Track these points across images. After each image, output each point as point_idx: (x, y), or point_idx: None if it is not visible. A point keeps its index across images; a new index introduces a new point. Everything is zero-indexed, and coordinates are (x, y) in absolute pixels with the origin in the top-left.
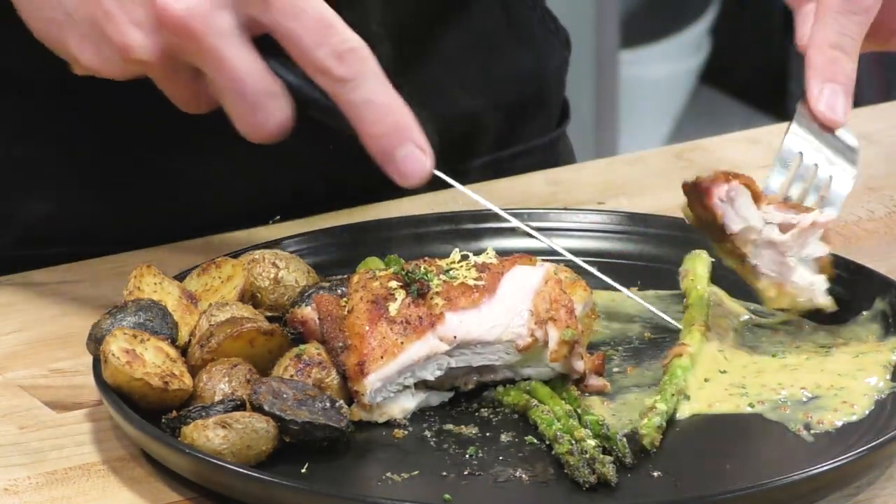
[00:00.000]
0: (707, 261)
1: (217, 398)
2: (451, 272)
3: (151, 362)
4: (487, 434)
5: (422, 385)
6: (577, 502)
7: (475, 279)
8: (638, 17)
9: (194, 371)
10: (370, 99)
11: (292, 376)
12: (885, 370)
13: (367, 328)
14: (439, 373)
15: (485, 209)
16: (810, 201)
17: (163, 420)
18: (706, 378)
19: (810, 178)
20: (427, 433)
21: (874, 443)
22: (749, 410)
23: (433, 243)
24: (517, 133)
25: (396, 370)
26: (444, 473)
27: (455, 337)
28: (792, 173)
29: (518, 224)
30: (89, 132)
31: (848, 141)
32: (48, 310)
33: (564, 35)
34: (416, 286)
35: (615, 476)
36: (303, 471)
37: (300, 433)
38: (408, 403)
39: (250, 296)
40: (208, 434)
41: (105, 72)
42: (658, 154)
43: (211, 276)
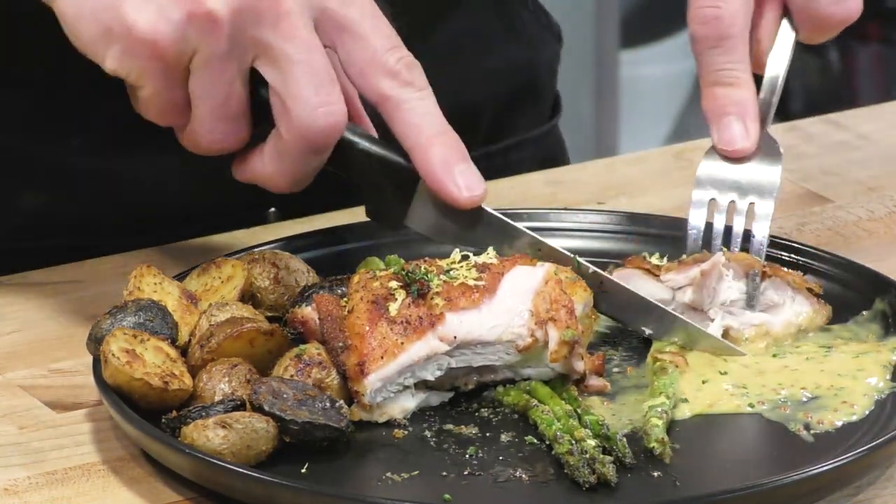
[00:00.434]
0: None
1: (217, 398)
2: (452, 272)
3: (151, 362)
4: (487, 434)
5: (422, 385)
6: (577, 502)
7: (475, 279)
8: (637, 17)
9: (194, 371)
10: (433, 112)
11: (292, 376)
12: (885, 370)
13: (368, 328)
14: (439, 373)
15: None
16: (739, 241)
17: (163, 420)
18: (704, 380)
19: (731, 217)
20: (427, 433)
21: (874, 443)
22: (749, 410)
23: (433, 243)
24: (509, 126)
25: (396, 370)
26: (444, 473)
27: (455, 337)
28: (705, 222)
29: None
30: (84, 125)
31: (766, 150)
32: (48, 310)
33: (556, 29)
34: (417, 286)
35: (615, 476)
36: (303, 471)
37: (300, 433)
38: (408, 403)
39: (250, 296)
40: (208, 434)
41: (160, 38)
42: (658, 154)
43: (211, 276)
